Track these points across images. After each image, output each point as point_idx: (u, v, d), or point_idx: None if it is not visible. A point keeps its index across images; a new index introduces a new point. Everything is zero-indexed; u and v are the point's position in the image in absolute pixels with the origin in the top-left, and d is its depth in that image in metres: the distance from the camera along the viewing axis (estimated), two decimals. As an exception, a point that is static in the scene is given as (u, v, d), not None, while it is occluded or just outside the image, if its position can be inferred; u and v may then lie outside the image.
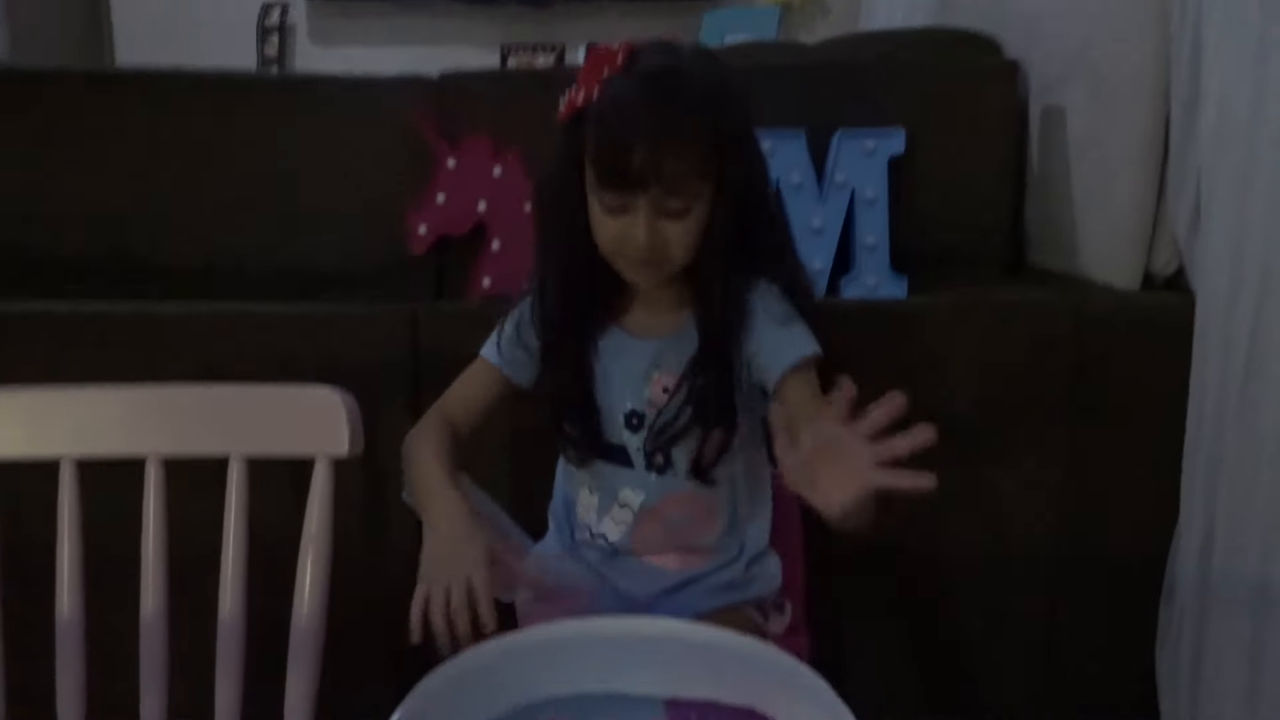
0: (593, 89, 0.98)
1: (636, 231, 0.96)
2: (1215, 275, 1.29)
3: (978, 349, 1.40)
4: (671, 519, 1.09)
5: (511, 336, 1.10)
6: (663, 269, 1.01)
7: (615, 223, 0.98)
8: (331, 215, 1.65)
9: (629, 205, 0.97)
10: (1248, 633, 1.25)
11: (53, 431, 0.95)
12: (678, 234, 0.98)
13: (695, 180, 0.97)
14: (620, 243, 0.99)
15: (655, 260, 0.99)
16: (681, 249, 0.99)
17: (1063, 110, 1.57)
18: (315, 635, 0.96)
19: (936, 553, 1.45)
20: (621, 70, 0.97)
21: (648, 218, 0.96)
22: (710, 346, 1.03)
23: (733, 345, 1.03)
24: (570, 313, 1.05)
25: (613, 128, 0.95)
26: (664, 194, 0.95)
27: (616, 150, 0.94)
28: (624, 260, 1.01)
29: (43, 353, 1.38)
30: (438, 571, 0.92)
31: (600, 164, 0.97)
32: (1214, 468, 1.30)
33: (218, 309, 1.42)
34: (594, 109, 0.97)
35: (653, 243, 0.97)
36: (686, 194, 0.96)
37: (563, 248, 1.04)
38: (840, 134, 1.52)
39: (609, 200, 0.97)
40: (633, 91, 0.96)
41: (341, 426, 0.94)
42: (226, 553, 0.97)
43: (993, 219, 1.60)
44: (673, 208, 0.97)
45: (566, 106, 1.00)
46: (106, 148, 1.64)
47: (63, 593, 0.97)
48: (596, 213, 0.99)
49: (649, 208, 0.96)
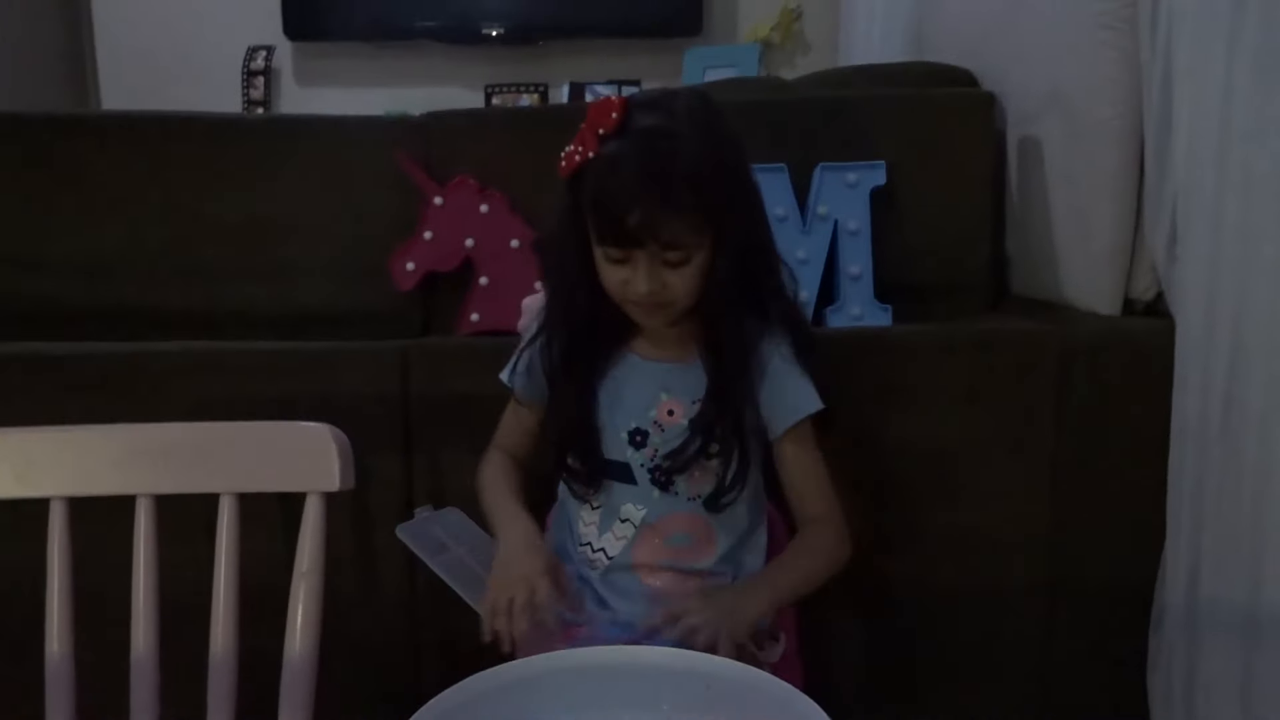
0: (590, 147, 1.01)
1: (638, 281, 1.01)
2: (1193, 302, 1.31)
3: (963, 376, 1.41)
4: (672, 536, 1.12)
5: (524, 371, 1.16)
6: (668, 312, 1.06)
7: (619, 270, 1.03)
8: (319, 255, 1.65)
9: (630, 257, 1.01)
10: (1238, 660, 1.26)
11: (44, 471, 0.95)
12: (679, 281, 1.03)
13: (692, 235, 1.01)
14: (624, 289, 1.03)
15: (659, 304, 1.04)
16: (684, 294, 1.04)
17: (1039, 141, 1.60)
18: (308, 671, 0.96)
19: (925, 583, 1.45)
20: (615, 130, 1.00)
21: (648, 268, 1.01)
22: (719, 387, 1.08)
23: (741, 387, 1.08)
24: (577, 359, 1.10)
25: (609, 193, 1.00)
26: (662, 249, 1.00)
27: (614, 215, 0.99)
28: (630, 305, 1.06)
29: (36, 394, 1.38)
30: (504, 578, 1.00)
31: (599, 224, 1.01)
32: (1198, 493, 1.31)
33: (209, 348, 1.43)
34: (591, 169, 1.01)
35: (654, 289, 1.01)
36: (685, 247, 1.01)
37: (570, 293, 1.09)
38: (822, 167, 1.54)
39: (610, 252, 1.02)
40: (627, 155, 1.00)
41: (332, 461, 0.95)
42: (218, 590, 0.97)
43: (974, 249, 1.62)
44: (672, 259, 1.01)
45: (566, 164, 1.04)
46: (92, 192, 1.65)
47: (52, 632, 0.96)
48: (602, 262, 1.04)
49: (649, 260, 1.01)
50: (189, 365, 1.41)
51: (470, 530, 1.10)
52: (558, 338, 1.11)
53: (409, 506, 1.41)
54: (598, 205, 1.01)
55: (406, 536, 1.05)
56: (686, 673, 0.83)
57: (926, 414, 1.41)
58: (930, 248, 1.61)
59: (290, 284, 1.66)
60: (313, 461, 0.96)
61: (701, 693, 0.82)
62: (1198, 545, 1.30)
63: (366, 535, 1.43)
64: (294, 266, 1.66)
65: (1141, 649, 1.44)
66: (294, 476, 0.96)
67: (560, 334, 1.10)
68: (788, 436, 1.11)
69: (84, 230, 1.64)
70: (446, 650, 1.41)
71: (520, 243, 1.56)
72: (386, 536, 1.42)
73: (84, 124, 1.69)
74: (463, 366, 1.42)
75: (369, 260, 1.61)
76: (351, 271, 1.64)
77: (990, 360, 1.42)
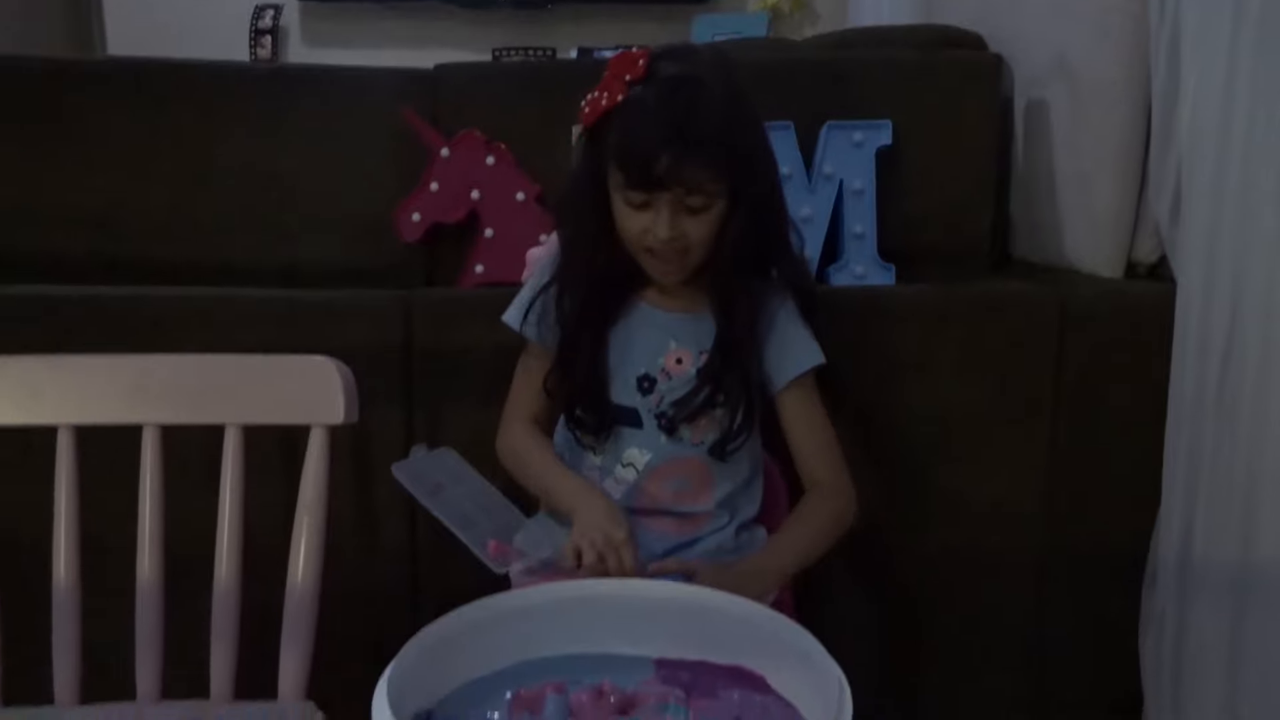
0: (615, 94, 1.03)
1: (659, 226, 1.03)
2: (1195, 266, 1.31)
3: (963, 336, 1.42)
4: (673, 481, 1.13)
5: (536, 322, 1.16)
6: (683, 264, 1.08)
7: (638, 217, 1.05)
8: (324, 207, 1.66)
9: (652, 202, 1.03)
10: (1228, 619, 1.27)
11: (51, 400, 0.96)
12: (697, 228, 1.05)
13: (714, 182, 1.03)
14: (643, 235, 1.05)
15: (676, 253, 1.06)
16: (699, 244, 1.06)
17: (1046, 105, 1.60)
18: (310, 603, 0.97)
19: (919, 545, 1.46)
20: (643, 77, 1.03)
21: (669, 213, 1.03)
22: (729, 340, 1.10)
23: (749, 340, 1.10)
24: (591, 309, 1.11)
25: (636, 136, 1.01)
26: (685, 193, 1.02)
27: (640, 157, 1.01)
28: (647, 255, 1.07)
29: (39, 337, 1.38)
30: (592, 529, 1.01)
31: (624, 168, 1.03)
32: (1194, 455, 1.32)
33: (211, 294, 1.43)
34: (617, 115, 1.03)
35: (673, 235, 1.03)
36: (706, 193, 1.03)
37: (587, 243, 1.10)
38: (828, 126, 1.54)
39: (633, 197, 1.04)
40: (654, 100, 1.02)
41: (337, 394, 0.96)
42: (222, 523, 0.98)
43: (977, 211, 1.62)
44: (693, 205, 1.03)
45: (590, 111, 1.05)
46: (96, 141, 1.64)
47: (59, 561, 0.98)
48: (620, 208, 1.06)
49: (670, 205, 1.03)
50: (190, 312, 1.41)
51: (466, 472, 1.10)
52: (573, 287, 1.12)
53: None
54: (623, 149, 1.02)
55: (402, 475, 1.05)
56: (683, 606, 0.85)
57: (925, 373, 1.41)
58: (933, 209, 1.61)
59: (294, 236, 1.66)
60: (317, 394, 0.97)
61: (698, 626, 0.84)
62: (1192, 507, 1.31)
63: (367, 485, 1.44)
64: (298, 219, 1.65)
65: (1133, 614, 1.46)
66: (298, 409, 0.97)
67: (576, 283, 1.12)
68: (790, 389, 1.13)
69: (85, 182, 1.64)
70: (446, 601, 1.42)
71: (526, 196, 1.57)
72: (387, 487, 1.42)
73: (84, 71, 1.68)
74: (466, 318, 1.42)
75: (373, 213, 1.61)
76: (356, 224, 1.64)
77: (990, 320, 1.42)
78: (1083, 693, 1.50)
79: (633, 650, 0.84)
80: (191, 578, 1.03)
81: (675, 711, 0.73)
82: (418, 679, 0.73)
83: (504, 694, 0.77)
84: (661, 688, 0.79)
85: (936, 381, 1.42)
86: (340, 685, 1.00)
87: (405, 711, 0.69)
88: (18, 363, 0.97)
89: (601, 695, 0.76)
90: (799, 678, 0.77)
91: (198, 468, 1.12)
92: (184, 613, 1.03)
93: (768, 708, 0.76)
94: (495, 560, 0.99)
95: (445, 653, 0.77)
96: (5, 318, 1.39)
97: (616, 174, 1.04)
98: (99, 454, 1.05)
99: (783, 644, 0.78)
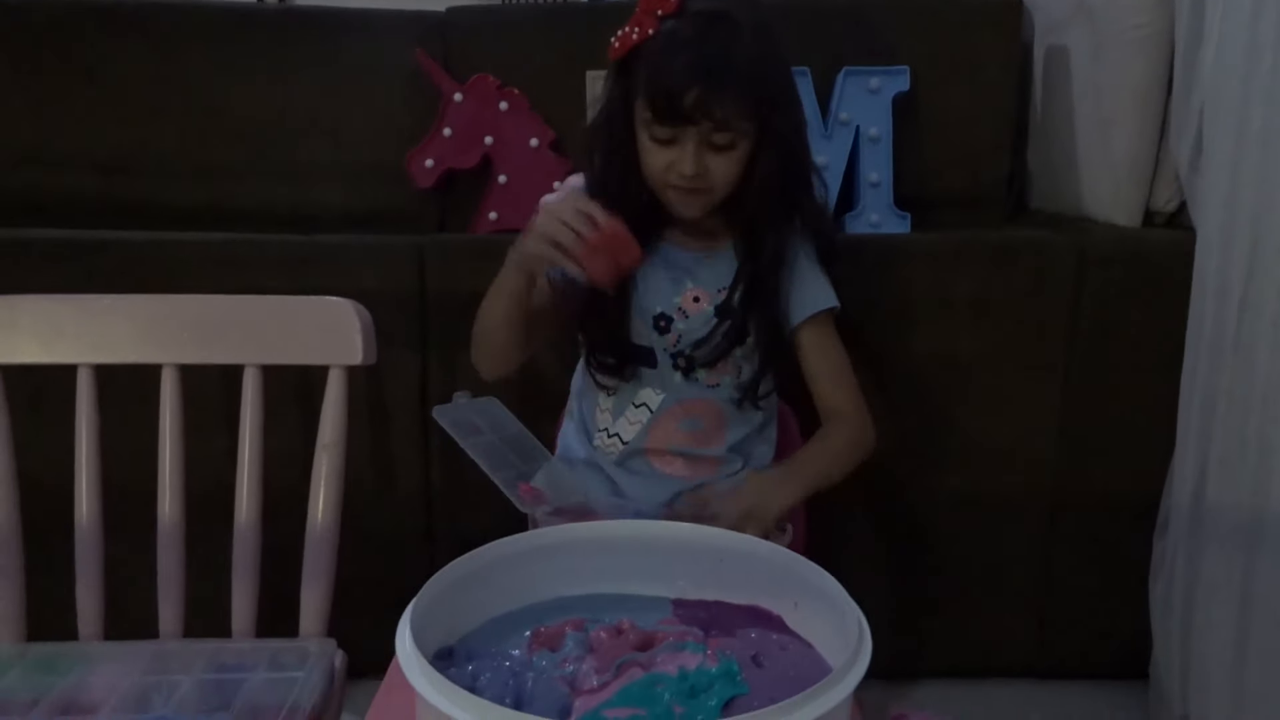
0: (647, 28, 1.02)
1: (684, 162, 1.03)
2: (1214, 212, 1.30)
3: (977, 284, 1.41)
4: (687, 422, 1.13)
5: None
6: (706, 200, 1.07)
7: (664, 152, 1.04)
8: (336, 153, 1.65)
9: (678, 138, 1.03)
10: (1240, 565, 1.28)
11: (70, 339, 0.96)
12: (722, 166, 1.04)
13: (742, 120, 1.02)
14: (667, 172, 1.05)
15: (699, 189, 1.05)
16: (724, 180, 1.05)
17: (1066, 50, 1.57)
18: (330, 542, 0.98)
19: (931, 487, 1.47)
20: (675, 11, 1.02)
21: (695, 150, 1.03)
22: (751, 275, 1.10)
23: (771, 279, 1.10)
24: None
25: (667, 69, 1.01)
26: (712, 130, 1.02)
27: (670, 91, 1.00)
28: (670, 191, 1.07)
29: (54, 281, 1.38)
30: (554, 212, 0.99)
31: (653, 101, 1.02)
32: (1209, 401, 1.31)
33: (226, 239, 1.43)
34: (648, 48, 1.03)
35: (698, 172, 1.03)
36: (733, 131, 1.03)
37: (612, 177, 1.09)
38: (845, 71, 1.52)
39: (659, 133, 1.03)
40: (686, 34, 1.01)
41: (355, 335, 0.96)
42: (241, 464, 0.99)
43: (994, 159, 1.61)
44: (719, 142, 1.03)
45: (620, 44, 1.05)
46: (106, 84, 1.64)
47: (81, 501, 0.99)
48: (646, 143, 1.06)
49: (697, 141, 1.02)
50: (205, 257, 1.41)
51: (506, 419, 1.11)
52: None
53: (424, 402, 1.43)
54: (653, 82, 1.02)
55: (443, 419, 1.06)
56: (699, 547, 0.85)
57: (939, 322, 1.41)
58: (951, 157, 1.61)
59: (306, 182, 1.66)
60: (335, 336, 0.97)
61: (714, 566, 0.84)
62: (1206, 451, 1.31)
63: (383, 428, 1.45)
64: (310, 164, 1.65)
65: (1143, 558, 1.46)
66: (317, 350, 0.97)
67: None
68: (806, 325, 1.12)
69: (96, 124, 1.64)
70: (461, 544, 1.44)
71: (539, 142, 1.56)
72: (403, 429, 1.44)
73: (94, 13, 1.66)
74: (479, 264, 1.40)
75: (386, 157, 1.61)
76: (368, 168, 1.64)
77: (1005, 269, 1.41)
78: (1091, 635, 1.52)
79: (651, 590, 0.85)
80: (211, 518, 1.04)
81: (694, 649, 0.73)
82: (439, 616, 0.74)
83: (524, 631, 0.78)
84: (680, 627, 0.79)
85: (951, 327, 1.42)
86: (357, 624, 1.02)
87: (427, 647, 0.69)
88: (38, 302, 0.97)
89: (620, 633, 0.76)
90: (817, 618, 0.77)
91: (216, 409, 1.13)
92: (204, 552, 1.05)
93: (785, 646, 0.77)
94: (527, 502, 1.00)
95: (466, 590, 0.78)
96: (25, 260, 1.39)
97: (644, 109, 1.04)
98: (118, 396, 1.06)
99: (801, 584, 0.79)
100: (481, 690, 0.66)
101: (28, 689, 0.88)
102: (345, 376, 0.98)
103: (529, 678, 0.69)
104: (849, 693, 0.63)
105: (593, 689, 0.68)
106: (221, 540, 1.01)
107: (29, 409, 1.06)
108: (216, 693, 0.87)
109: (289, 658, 0.93)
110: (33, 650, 0.97)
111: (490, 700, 0.62)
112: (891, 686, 1.52)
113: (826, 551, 1.27)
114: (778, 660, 0.74)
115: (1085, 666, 1.55)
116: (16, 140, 1.65)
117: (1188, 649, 1.36)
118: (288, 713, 0.83)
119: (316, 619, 0.98)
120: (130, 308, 0.98)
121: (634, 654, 0.73)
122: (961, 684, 1.53)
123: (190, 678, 0.89)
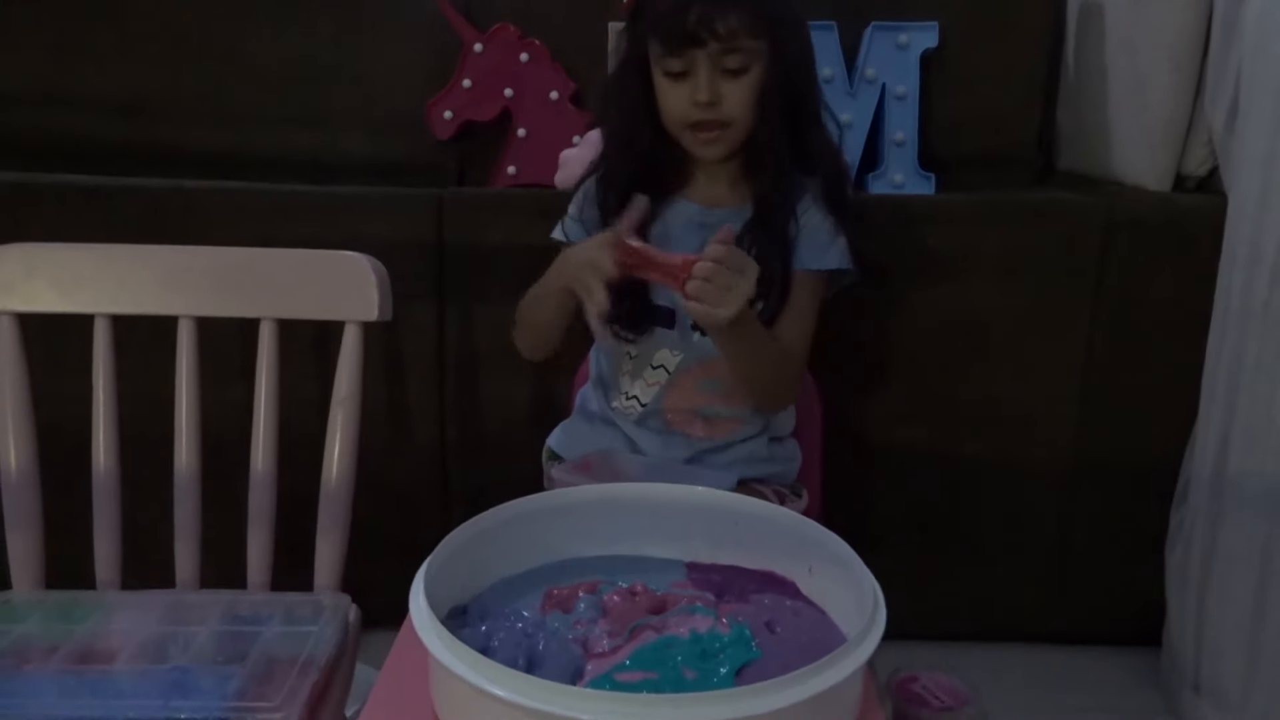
0: None
1: (698, 88, 1.03)
2: (1248, 176, 1.27)
3: (1003, 246, 1.39)
4: (707, 382, 1.12)
5: (575, 215, 1.16)
6: (725, 137, 1.06)
7: (679, 89, 1.05)
8: (355, 101, 1.63)
9: (690, 67, 1.03)
10: (1260, 533, 1.27)
11: (88, 288, 0.96)
12: (736, 92, 1.04)
13: (749, 38, 1.02)
14: (685, 107, 1.04)
15: (718, 124, 1.05)
16: (740, 107, 1.05)
17: (1102, 5, 1.53)
18: (345, 496, 0.98)
19: (950, 451, 1.46)
20: None
21: (708, 74, 1.03)
22: (765, 217, 1.09)
23: (786, 223, 1.09)
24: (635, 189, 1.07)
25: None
26: (721, 52, 1.02)
27: (673, 12, 1.01)
28: (690, 133, 1.07)
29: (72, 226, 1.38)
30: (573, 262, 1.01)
31: (660, 30, 1.03)
32: (1235, 370, 1.29)
33: (244, 188, 1.43)
34: None
35: (712, 100, 1.03)
36: (743, 52, 1.03)
37: (631, 129, 1.10)
38: (873, 26, 1.49)
39: (672, 65, 1.04)
40: None
41: (371, 291, 0.96)
42: (257, 417, 0.99)
43: (1024, 119, 1.58)
44: (731, 65, 1.03)
45: None
46: (127, 27, 1.63)
47: (99, 450, 0.99)
48: (662, 83, 1.06)
49: (709, 65, 1.03)
50: (223, 204, 1.40)
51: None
52: (615, 176, 1.11)
53: (440, 357, 1.43)
54: (657, 11, 1.03)
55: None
56: (715, 510, 0.85)
57: (963, 284, 1.39)
58: (979, 116, 1.57)
59: (326, 130, 1.64)
60: (352, 290, 0.96)
61: (730, 529, 0.84)
62: (1229, 420, 1.30)
63: (399, 382, 1.45)
64: (330, 111, 1.64)
65: (1162, 525, 1.46)
66: (333, 305, 0.97)
67: (619, 172, 1.11)
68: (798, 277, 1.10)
69: (120, 67, 1.63)
70: (476, 496, 1.44)
71: (560, 95, 1.54)
72: (419, 381, 1.44)
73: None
74: (497, 217, 1.40)
75: (408, 107, 1.59)
76: (390, 118, 1.62)
77: (1032, 231, 1.39)
78: (1107, 601, 1.52)
79: (666, 553, 0.85)
80: (228, 469, 1.04)
81: (704, 613, 0.73)
82: (453, 575, 0.74)
83: (538, 591, 0.78)
84: (692, 590, 0.79)
85: (974, 291, 1.40)
86: (373, 574, 1.02)
87: (441, 606, 0.70)
88: (56, 250, 0.97)
89: (633, 596, 0.76)
90: (831, 584, 0.77)
91: (233, 361, 1.13)
92: (220, 504, 1.05)
93: (798, 612, 0.76)
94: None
95: (480, 550, 0.78)
96: (42, 204, 1.39)
97: (655, 45, 1.04)
98: (136, 345, 1.06)
99: (816, 550, 0.78)
100: (494, 652, 0.66)
101: (46, 636, 0.89)
102: (361, 332, 0.98)
103: (541, 639, 0.69)
104: (862, 662, 0.63)
105: (605, 652, 0.68)
106: (238, 491, 1.02)
107: (47, 358, 1.06)
108: (232, 644, 0.87)
109: (304, 611, 0.94)
110: (51, 598, 0.98)
111: (503, 661, 0.62)
112: (904, 646, 1.52)
113: (844, 513, 1.29)
114: (791, 626, 0.74)
115: (1098, 631, 1.55)
116: (37, 81, 1.64)
117: (1202, 617, 1.36)
118: (302, 666, 0.84)
119: (331, 572, 0.99)
120: (149, 258, 0.97)
121: (647, 617, 0.73)
122: (975, 646, 1.53)
123: (206, 628, 0.89)
